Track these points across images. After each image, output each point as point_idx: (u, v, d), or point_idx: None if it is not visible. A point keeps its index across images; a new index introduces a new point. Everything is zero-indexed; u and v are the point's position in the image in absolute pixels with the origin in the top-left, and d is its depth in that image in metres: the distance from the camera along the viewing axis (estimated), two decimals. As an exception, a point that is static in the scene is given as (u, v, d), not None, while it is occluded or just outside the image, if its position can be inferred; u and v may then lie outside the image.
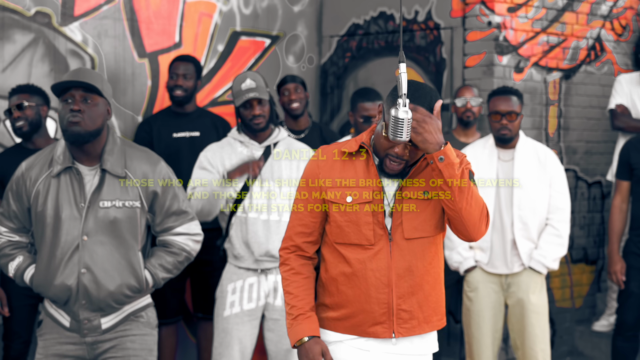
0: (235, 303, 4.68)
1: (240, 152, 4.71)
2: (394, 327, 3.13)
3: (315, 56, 6.84)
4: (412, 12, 6.42)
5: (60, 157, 3.65)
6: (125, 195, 3.68)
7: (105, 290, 3.64)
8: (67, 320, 3.68)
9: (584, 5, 6.65)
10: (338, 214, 3.13)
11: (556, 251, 5.03)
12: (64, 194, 3.62)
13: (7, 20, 5.28)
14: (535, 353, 5.04)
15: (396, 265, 3.11)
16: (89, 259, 3.62)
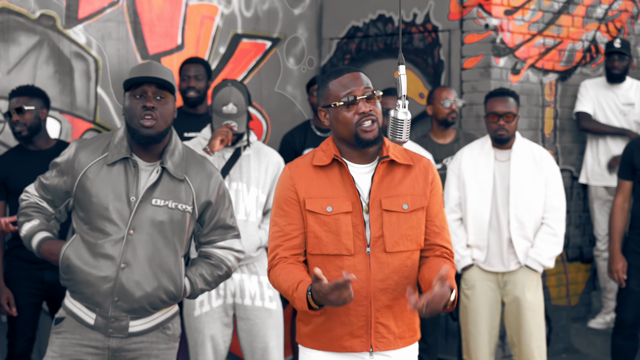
0: (205, 302, 4.68)
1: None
2: (371, 341, 3.05)
3: (315, 58, 6.84)
4: (411, 14, 6.43)
5: (118, 145, 3.44)
6: (180, 198, 3.47)
7: (142, 290, 3.41)
8: (91, 318, 3.42)
9: (580, 8, 6.66)
10: (317, 224, 3.04)
11: (552, 250, 5.04)
12: (117, 184, 3.40)
13: (12, 22, 5.29)
14: (532, 350, 5.05)
15: (375, 278, 3.03)
16: (132, 254, 3.39)
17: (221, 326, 4.71)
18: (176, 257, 3.49)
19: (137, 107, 3.38)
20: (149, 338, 3.49)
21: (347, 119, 3.03)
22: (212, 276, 3.58)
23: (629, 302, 5.43)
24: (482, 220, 5.05)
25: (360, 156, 3.09)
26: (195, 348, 4.72)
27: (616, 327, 5.53)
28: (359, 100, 3.03)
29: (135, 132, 3.39)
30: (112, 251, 3.38)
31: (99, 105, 5.66)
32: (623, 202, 5.46)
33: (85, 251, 3.40)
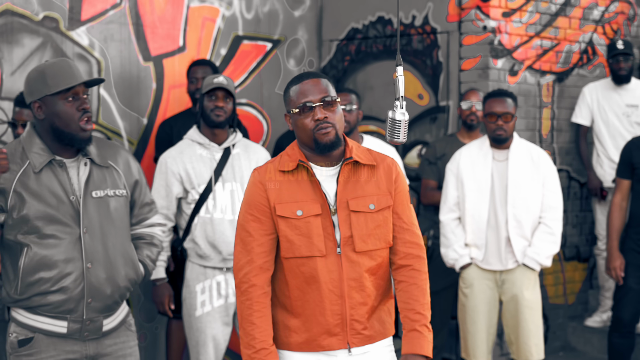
0: (206, 302, 4.69)
1: (200, 154, 4.72)
2: (348, 338, 3.10)
3: (315, 60, 6.85)
4: (410, 16, 6.43)
5: (37, 150, 3.33)
6: (114, 184, 3.45)
7: (112, 284, 3.39)
8: (63, 327, 3.33)
9: (577, 10, 6.66)
10: (289, 228, 3.06)
11: (549, 249, 5.04)
12: (52, 187, 3.32)
13: (16, 24, 5.29)
14: (529, 348, 5.05)
15: (347, 277, 3.07)
16: (93, 252, 3.33)
17: (222, 325, 4.72)
18: (129, 243, 3.48)
19: (73, 110, 3.32)
20: (120, 338, 3.47)
21: (305, 125, 3.07)
22: (154, 255, 3.62)
23: (626, 300, 5.42)
24: (480, 219, 5.05)
25: (324, 159, 3.13)
26: (197, 348, 4.72)
27: (613, 325, 5.52)
28: (315, 107, 3.05)
29: (74, 138, 3.32)
30: (72, 253, 3.31)
31: (101, 107, 5.66)
32: (621, 201, 5.46)
33: (44, 262, 3.29)
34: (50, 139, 3.36)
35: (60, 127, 3.32)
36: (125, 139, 5.75)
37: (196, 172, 4.69)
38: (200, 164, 4.70)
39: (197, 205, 4.70)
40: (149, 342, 5.89)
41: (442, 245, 5.19)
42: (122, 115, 5.74)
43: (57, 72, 3.32)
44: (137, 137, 5.77)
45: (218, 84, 4.68)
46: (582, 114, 6.55)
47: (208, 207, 4.69)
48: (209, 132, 4.75)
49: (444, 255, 5.19)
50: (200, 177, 4.69)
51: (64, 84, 3.30)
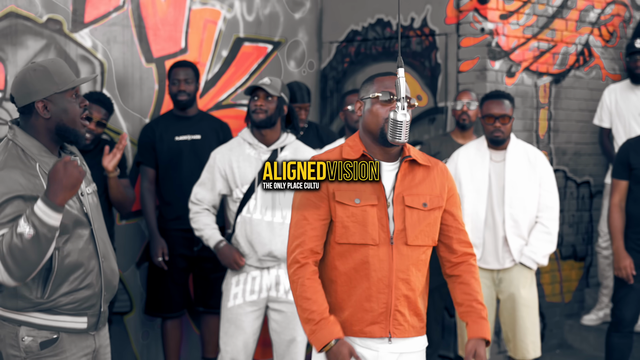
0: (239, 295, 4.71)
1: (248, 154, 4.72)
2: (390, 328, 3.17)
3: (315, 61, 6.85)
4: (409, 19, 6.43)
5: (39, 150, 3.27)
6: (89, 180, 3.46)
7: (116, 275, 3.45)
8: (84, 323, 3.33)
9: (573, 13, 6.66)
10: (345, 215, 3.15)
11: (546, 248, 5.04)
12: None
13: (20, 26, 5.29)
14: (526, 345, 5.05)
15: (396, 268, 3.16)
16: (102, 246, 3.37)
17: (253, 319, 4.72)
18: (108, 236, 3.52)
19: (77, 108, 3.31)
20: (106, 328, 3.50)
21: (380, 113, 3.16)
22: None
23: (628, 299, 5.39)
24: (478, 219, 5.06)
25: (383, 154, 3.22)
26: (225, 338, 4.73)
27: (613, 325, 5.47)
28: (394, 100, 3.14)
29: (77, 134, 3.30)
30: (91, 250, 3.32)
31: (104, 107, 5.66)
32: (620, 201, 5.45)
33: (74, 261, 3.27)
34: (48, 138, 3.29)
35: (67, 124, 3.28)
36: (128, 140, 5.75)
37: (241, 172, 4.69)
38: (246, 164, 4.70)
39: (241, 204, 4.70)
40: (151, 339, 5.90)
41: (441, 244, 5.20)
42: (124, 116, 5.74)
43: (60, 71, 3.30)
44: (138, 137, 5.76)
45: (259, 84, 4.67)
46: (601, 116, 6.54)
47: (249, 207, 4.69)
48: (258, 133, 4.73)
49: (442, 254, 5.20)
50: (244, 177, 4.69)
51: (71, 82, 3.29)
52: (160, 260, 5.40)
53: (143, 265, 5.83)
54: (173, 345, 5.60)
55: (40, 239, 3.06)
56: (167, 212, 5.48)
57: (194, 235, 5.12)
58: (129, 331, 5.81)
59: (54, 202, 3.06)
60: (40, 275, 3.22)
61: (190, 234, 5.20)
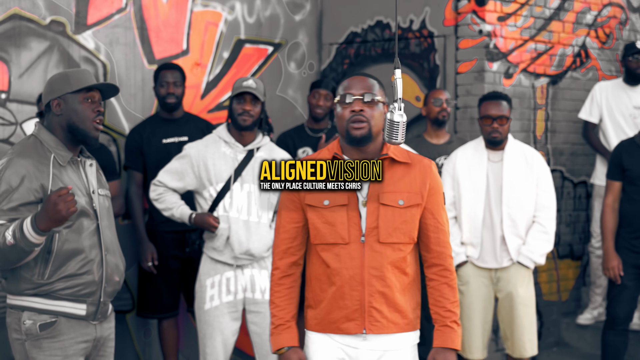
0: (215, 296, 4.69)
1: (224, 152, 4.70)
2: (365, 324, 3.18)
3: (315, 63, 6.85)
4: (407, 21, 6.43)
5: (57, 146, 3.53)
6: (105, 186, 3.71)
7: (120, 272, 3.63)
8: (83, 310, 3.51)
9: (570, 15, 6.66)
10: (316, 216, 3.19)
11: (543, 247, 5.04)
12: (76, 181, 3.54)
13: (24, 28, 5.29)
14: (524, 343, 5.06)
15: (369, 265, 3.16)
16: (107, 241, 3.58)
17: (230, 320, 4.71)
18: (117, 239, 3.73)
19: (89, 111, 3.54)
20: (111, 323, 3.70)
21: (342, 115, 3.18)
22: None
23: (621, 297, 5.40)
24: (476, 218, 5.06)
25: (359, 154, 3.21)
26: (204, 340, 4.72)
27: (608, 323, 5.49)
28: (354, 100, 3.15)
29: (87, 134, 3.54)
30: (94, 242, 3.53)
31: (107, 108, 5.66)
32: (613, 202, 5.46)
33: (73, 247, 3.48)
34: (64, 135, 3.55)
35: (75, 123, 3.53)
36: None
37: (216, 169, 4.68)
38: (221, 162, 4.68)
39: (214, 202, 4.69)
40: (153, 337, 5.90)
41: (439, 243, 5.19)
42: (126, 116, 5.75)
43: (79, 76, 3.58)
44: (141, 138, 5.76)
45: (247, 87, 4.65)
46: (590, 111, 6.51)
47: (225, 205, 4.68)
48: (236, 133, 4.73)
49: (440, 254, 5.19)
50: (219, 174, 4.67)
51: (84, 84, 3.54)
52: (150, 265, 5.38)
53: (145, 264, 5.83)
54: (171, 345, 5.59)
55: (17, 249, 3.33)
56: (157, 215, 5.42)
57: (185, 237, 5.09)
58: (130, 329, 5.81)
59: (38, 225, 3.30)
60: (42, 258, 3.45)
61: (182, 235, 5.20)
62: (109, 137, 5.67)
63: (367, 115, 3.15)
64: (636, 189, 5.37)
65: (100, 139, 5.51)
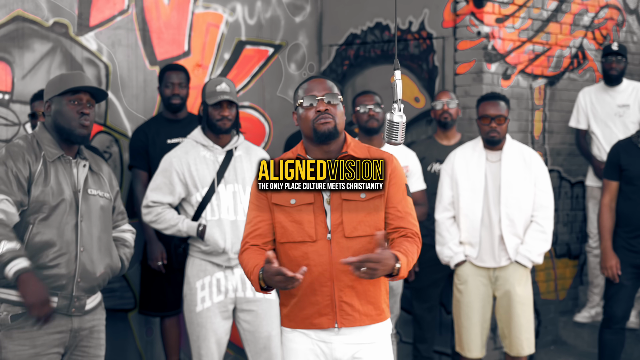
0: (206, 298, 4.68)
1: (204, 156, 4.70)
2: (337, 318, 3.22)
3: (315, 64, 6.85)
4: (407, 22, 6.43)
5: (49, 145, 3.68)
6: (103, 187, 3.80)
7: (98, 270, 3.70)
8: (54, 302, 3.61)
9: (568, 16, 6.66)
10: (283, 215, 3.23)
11: (541, 246, 5.04)
12: (62, 178, 3.66)
13: (27, 30, 5.29)
14: (521, 342, 5.06)
15: (336, 261, 3.19)
16: (86, 239, 3.66)
17: (222, 320, 4.71)
18: (112, 240, 3.83)
19: (74, 112, 3.66)
20: (96, 315, 3.79)
21: (307, 116, 3.25)
22: (128, 255, 3.94)
23: (619, 296, 5.39)
24: (474, 218, 5.06)
25: (323, 153, 3.28)
26: (198, 342, 4.71)
27: (605, 321, 5.48)
28: (317, 101, 3.23)
29: (72, 133, 3.66)
30: (70, 237, 3.62)
31: (109, 109, 5.66)
32: (610, 202, 5.46)
33: (45, 240, 3.59)
34: (56, 135, 3.70)
35: (61, 123, 3.67)
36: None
37: (199, 174, 4.68)
38: (203, 166, 4.69)
39: (200, 206, 4.69)
40: (155, 336, 5.90)
41: (438, 243, 5.19)
42: (129, 117, 5.75)
43: (68, 79, 3.71)
44: (143, 139, 5.76)
45: (222, 94, 4.66)
46: (578, 118, 6.53)
47: (213, 207, 4.69)
48: (213, 135, 4.74)
49: (439, 253, 5.19)
50: (203, 179, 4.68)
51: (69, 86, 3.67)
52: (160, 264, 5.38)
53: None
54: (173, 343, 5.59)
55: None
56: None
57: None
58: (133, 328, 5.81)
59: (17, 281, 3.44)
60: None
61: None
62: (111, 138, 5.67)
63: (331, 113, 3.23)
64: (633, 188, 5.37)
65: (102, 140, 5.58)
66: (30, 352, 3.58)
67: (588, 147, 6.49)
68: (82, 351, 3.74)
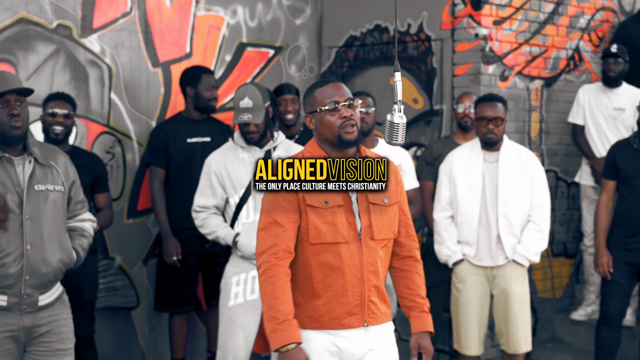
0: (239, 294, 4.69)
1: (242, 157, 4.70)
2: (365, 317, 3.25)
3: (315, 66, 6.85)
4: (405, 24, 6.43)
5: None
6: (54, 181, 3.77)
7: (49, 265, 3.69)
8: (3, 301, 3.64)
9: (564, 19, 6.66)
10: (316, 216, 3.21)
11: (537, 245, 5.04)
12: (3, 178, 3.66)
13: (31, 32, 5.29)
14: (518, 339, 5.06)
15: (367, 262, 3.24)
16: (34, 235, 3.65)
17: (253, 318, 4.70)
18: (64, 232, 3.80)
19: (3, 115, 3.67)
20: (55, 311, 3.77)
21: (332, 122, 3.23)
22: (85, 244, 3.91)
23: (614, 294, 5.40)
24: (472, 217, 5.06)
25: (341, 156, 3.27)
26: (226, 335, 4.70)
27: (601, 319, 5.48)
28: (340, 107, 3.22)
29: (6, 136, 3.67)
30: (15, 236, 3.62)
31: (112, 110, 5.67)
32: (607, 201, 5.46)
33: None
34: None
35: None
36: (135, 141, 5.76)
37: (237, 176, 4.67)
38: (241, 168, 4.68)
39: (237, 208, 4.68)
40: (157, 334, 5.90)
41: (436, 242, 5.19)
42: (131, 118, 5.75)
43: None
44: (145, 139, 5.76)
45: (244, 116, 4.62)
46: (576, 114, 6.53)
47: (248, 211, 4.68)
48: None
49: (437, 252, 5.19)
50: (240, 181, 4.67)
51: None
52: (175, 259, 5.39)
53: (149, 262, 5.83)
54: (180, 340, 5.59)
55: None
56: (178, 211, 5.45)
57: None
58: (135, 326, 5.81)
59: None
60: None
61: None
62: (114, 139, 5.67)
63: (355, 119, 3.25)
64: (629, 188, 5.38)
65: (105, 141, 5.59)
66: None
67: (586, 145, 6.48)
68: (44, 347, 3.74)
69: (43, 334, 3.74)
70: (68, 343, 3.83)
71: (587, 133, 6.50)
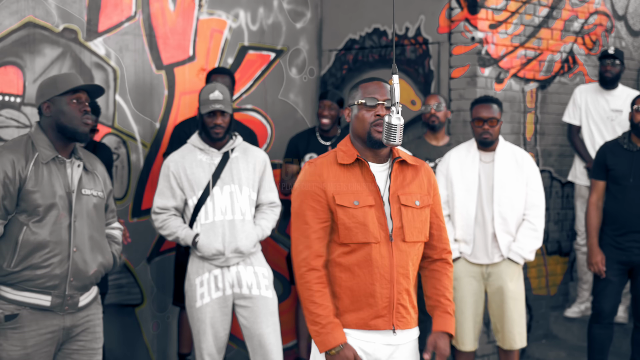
0: (205, 294, 4.69)
1: (200, 159, 4.72)
2: (393, 320, 3.17)
3: (315, 68, 6.86)
4: (403, 28, 6.44)
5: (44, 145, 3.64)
6: (96, 187, 3.78)
7: (91, 268, 3.68)
8: (47, 301, 3.60)
9: (558, 22, 6.67)
10: (346, 216, 3.13)
11: (532, 244, 5.05)
12: (55, 178, 3.63)
13: (38, 36, 5.30)
14: (513, 336, 5.06)
15: (397, 264, 3.16)
16: (79, 238, 3.64)
17: (221, 315, 4.72)
18: (105, 237, 3.81)
19: (76, 111, 3.65)
20: (91, 311, 3.77)
21: (365, 118, 3.18)
22: (118, 251, 3.92)
23: (606, 292, 5.40)
24: (468, 216, 5.06)
25: (374, 156, 3.23)
26: (198, 336, 4.74)
27: (594, 316, 5.48)
28: (377, 105, 3.17)
29: (76, 132, 3.65)
30: (62, 238, 3.60)
31: (117, 112, 5.67)
32: (597, 200, 5.46)
33: (39, 240, 3.57)
34: (54, 135, 3.67)
35: (64, 122, 3.65)
36: (139, 142, 5.77)
37: (195, 178, 4.69)
38: (199, 169, 4.70)
39: (196, 208, 4.69)
40: (161, 330, 5.91)
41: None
42: (136, 119, 5.75)
43: (65, 79, 3.69)
44: (150, 140, 5.78)
45: (215, 104, 4.65)
46: (572, 114, 6.52)
47: (207, 212, 4.69)
48: (209, 139, 4.75)
49: (434, 250, 5.20)
50: (198, 182, 4.69)
51: (69, 86, 3.67)
52: None
53: (154, 261, 5.84)
54: (188, 334, 5.60)
55: None
56: None
57: None
58: (140, 322, 5.82)
59: None
60: (10, 247, 3.57)
61: None
62: (119, 140, 5.68)
63: None
64: (619, 188, 5.38)
65: (110, 142, 5.59)
66: (20, 352, 3.56)
67: (581, 144, 6.48)
68: (78, 345, 3.73)
69: (79, 333, 3.73)
70: (100, 342, 3.83)
71: (583, 134, 6.50)
